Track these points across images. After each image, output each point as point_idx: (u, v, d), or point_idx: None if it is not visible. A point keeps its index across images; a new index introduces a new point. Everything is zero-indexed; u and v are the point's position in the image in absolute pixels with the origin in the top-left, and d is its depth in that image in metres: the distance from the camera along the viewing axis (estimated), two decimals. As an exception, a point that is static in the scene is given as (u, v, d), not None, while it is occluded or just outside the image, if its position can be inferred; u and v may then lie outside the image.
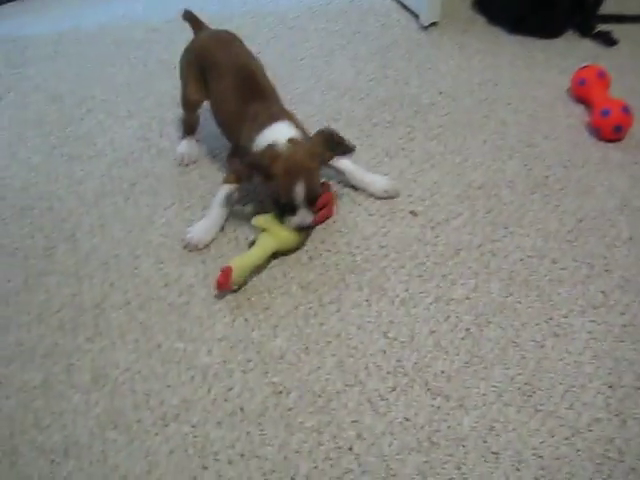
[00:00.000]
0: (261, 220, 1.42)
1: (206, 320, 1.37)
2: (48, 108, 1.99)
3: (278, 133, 1.43)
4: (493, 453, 1.14)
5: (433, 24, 2.28)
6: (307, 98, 1.96)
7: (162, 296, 1.42)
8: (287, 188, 1.38)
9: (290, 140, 1.41)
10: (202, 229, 1.49)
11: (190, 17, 1.68)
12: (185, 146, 1.72)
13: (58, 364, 1.30)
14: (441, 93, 1.97)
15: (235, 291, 1.40)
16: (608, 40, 2.19)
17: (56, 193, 1.69)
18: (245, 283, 1.41)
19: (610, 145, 1.77)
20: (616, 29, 2.23)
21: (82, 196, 1.68)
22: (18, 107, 2.01)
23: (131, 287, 1.44)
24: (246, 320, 1.37)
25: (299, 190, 1.38)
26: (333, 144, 1.43)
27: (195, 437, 1.18)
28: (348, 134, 1.58)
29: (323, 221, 1.53)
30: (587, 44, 2.20)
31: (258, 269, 1.42)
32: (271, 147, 1.40)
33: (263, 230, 1.42)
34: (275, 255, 1.45)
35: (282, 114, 1.51)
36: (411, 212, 1.58)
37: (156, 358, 1.31)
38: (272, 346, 1.32)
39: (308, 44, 2.22)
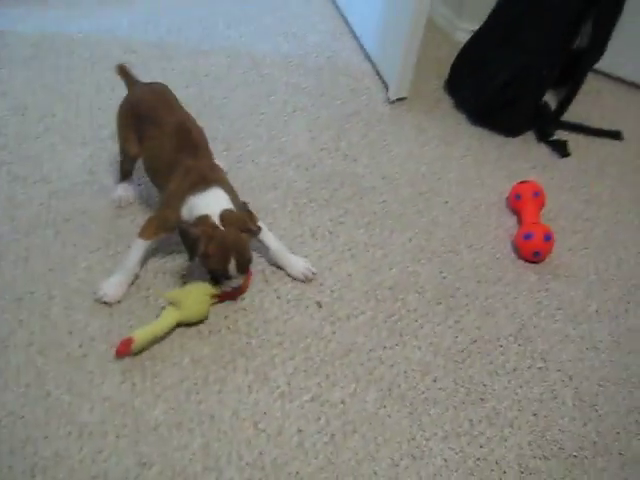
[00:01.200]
0: (170, 295, 1.49)
1: (97, 377, 1.45)
2: (9, 119, 2.04)
3: (212, 202, 1.49)
4: None
5: (400, 99, 2.34)
6: (254, 158, 2.03)
7: (64, 343, 1.50)
8: (223, 264, 1.47)
9: (223, 213, 1.48)
10: (113, 285, 1.57)
11: (123, 72, 1.74)
12: (121, 189, 1.78)
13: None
14: (384, 178, 2.05)
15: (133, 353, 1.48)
16: (561, 150, 2.27)
17: (-11, 215, 1.75)
18: (145, 349, 1.48)
19: (528, 266, 1.86)
20: (573, 139, 2.31)
21: (16, 222, 1.74)
22: (-19, 113, 2.05)
23: (38, 328, 1.52)
24: (133, 385, 1.45)
25: (233, 264, 1.47)
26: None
27: (54, 496, 1.26)
28: (282, 205, 1.68)
29: (236, 296, 1.60)
30: (541, 149, 2.29)
31: (160, 339, 1.50)
32: (205, 222, 1.46)
33: (170, 303, 1.49)
34: (179, 325, 1.53)
35: (216, 176, 1.56)
36: (317, 303, 1.66)
37: (42, 406, 1.39)
38: (149, 416, 1.40)
39: (273, 98, 2.28)
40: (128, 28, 2.51)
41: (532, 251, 1.82)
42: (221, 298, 1.57)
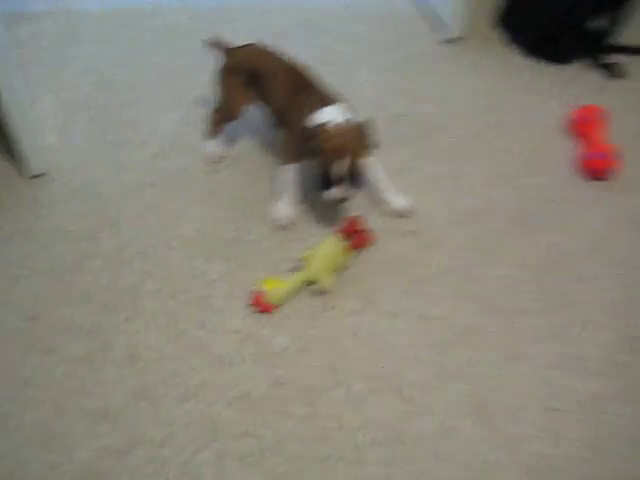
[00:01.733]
0: (304, 255, 1.65)
1: (224, 313, 1.63)
2: (97, 92, 2.21)
3: (331, 114, 1.65)
4: (444, 454, 1.41)
5: (456, 38, 2.45)
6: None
7: (189, 288, 1.68)
8: (332, 161, 1.60)
9: (345, 121, 1.63)
10: (284, 208, 1.76)
11: (215, 43, 1.88)
12: (212, 146, 1.94)
13: (99, 340, 1.57)
14: (452, 114, 2.18)
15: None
16: (616, 72, 2.36)
17: (103, 179, 1.93)
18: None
19: (597, 184, 1.98)
20: (627, 61, 2.39)
21: (126, 184, 1.92)
22: (70, 89, 2.22)
23: (164, 276, 1.70)
24: (257, 318, 1.63)
25: (344, 164, 1.60)
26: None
27: (209, 414, 1.46)
28: None
29: (364, 245, 1.74)
30: (596, 74, 2.37)
31: (290, 295, 1.65)
32: (323, 125, 1.62)
33: (306, 261, 1.64)
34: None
35: (335, 97, 1.73)
36: (411, 231, 1.81)
37: (181, 343, 1.58)
38: (276, 342, 1.58)
39: (336, 48, 2.40)
40: (190, -6, 2.62)
41: (599, 169, 1.94)
42: (353, 246, 1.69)
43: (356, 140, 1.63)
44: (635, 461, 1.42)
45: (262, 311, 1.61)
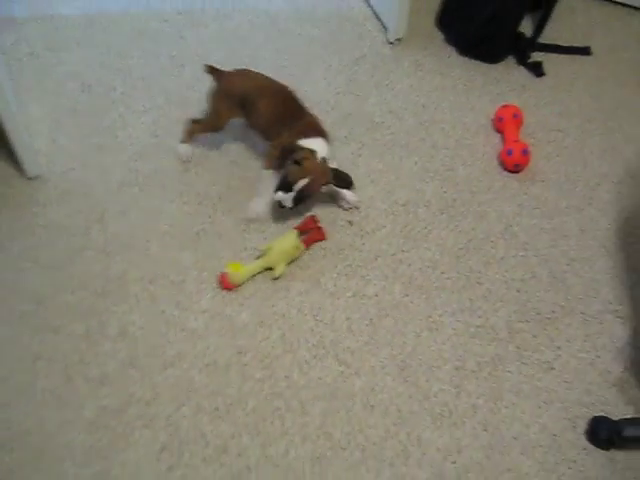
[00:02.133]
0: (264, 246, 2.00)
1: (195, 295, 2.00)
2: (80, 96, 2.50)
3: (319, 147, 2.02)
4: (371, 406, 1.80)
5: (399, 39, 2.77)
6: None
7: (166, 274, 2.04)
8: (296, 176, 1.97)
9: (322, 158, 2.00)
10: (260, 205, 2.11)
11: (212, 70, 2.18)
12: (183, 148, 2.27)
13: (94, 320, 1.94)
14: (391, 112, 2.52)
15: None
16: (537, 70, 2.70)
17: (90, 179, 2.25)
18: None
19: (511, 176, 2.34)
20: (548, 59, 2.73)
21: (110, 184, 2.24)
22: (55, 94, 2.50)
23: (145, 265, 2.05)
24: (223, 297, 2.00)
25: (301, 183, 1.97)
26: (341, 179, 2.05)
27: (185, 378, 1.84)
28: None
29: (312, 242, 2.07)
30: (520, 72, 2.71)
31: (251, 276, 2.00)
32: (310, 151, 1.99)
33: (263, 253, 2.00)
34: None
35: (322, 130, 2.09)
36: (348, 221, 2.18)
37: (161, 321, 1.94)
38: (239, 319, 1.96)
39: (292, 50, 2.71)
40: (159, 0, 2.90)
41: (513, 164, 2.31)
42: (306, 244, 2.04)
43: (322, 175, 2.00)
44: (523, 409, 1.82)
45: (225, 288, 1.96)
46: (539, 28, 2.70)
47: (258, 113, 2.11)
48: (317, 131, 2.07)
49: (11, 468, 1.67)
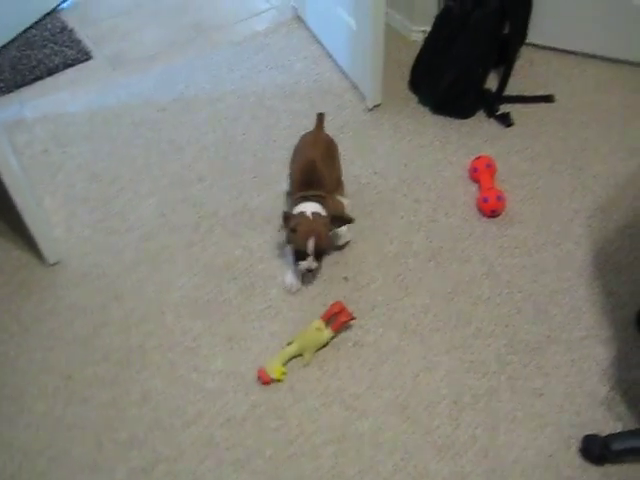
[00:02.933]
0: (295, 338, 2.12)
1: (209, 358, 2.18)
2: (90, 186, 2.74)
3: (308, 207, 2.20)
4: (378, 444, 1.96)
5: (376, 105, 3.02)
6: (277, 179, 2.70)
7: (181, 341, 2.23)
8: (304, 242, 2.16)
9: (313, 213, 2.18)
10: (293, 278, 2.29)
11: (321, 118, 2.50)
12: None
13: (119, 388, 2.12)
14: (376, 173, 2.74)
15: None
16: (506, 121, 2.93)
17: (105, 261, 2.47)
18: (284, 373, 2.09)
19: (490, 221, 2.53)
20: (515, 110, 2.96)
21: (122, 264, 2.45)
22: (68, 185, 2.74)
23: (161, 334, 2.24)
24: (235, 358, 2.18)
25: (311, 244, 2.15)
26: (339, 220, 2.23)
27: (206, 434, 2.01)
28: None
29: (341, 326, 2.15)
30: (490, 124, 2.93)
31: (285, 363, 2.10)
32: (300, 214, 2.18)
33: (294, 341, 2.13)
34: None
35: (317, 197, 2.25)
36: (344, 278, 2.37)
37: (180, 384, 2.12)
38: (250, 376, 2.13)
39: (280, 125, 2.95)
40: (153, 90, 3.16)
41: (490, 210, 2.51)
42: (335, 329, 2.13)
43: (321, 228, 2.17)
44: (519, 435, 1.98)
45: (265, 383, 2.07)
46: (503, 82, 2.93)
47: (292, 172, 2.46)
48: (310, 198, 2.25)
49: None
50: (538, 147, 2.79)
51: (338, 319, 2.15)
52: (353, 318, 2.17)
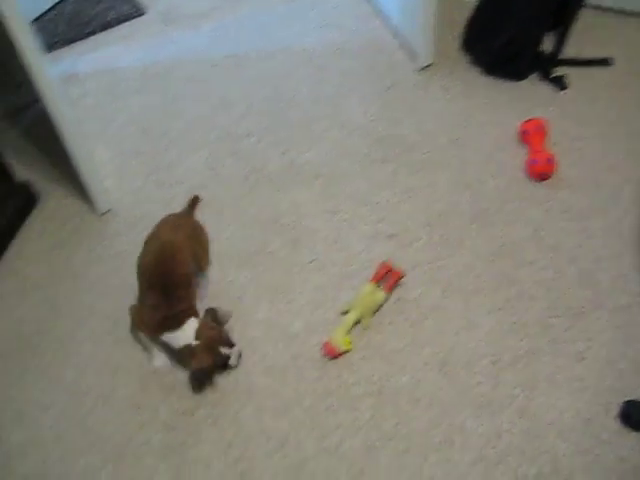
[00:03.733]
0: (349, 304, 2.12)
1: (252, 309, 2.22)
2: (141, 139, 2.79)
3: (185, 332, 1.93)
4: (415, 399, 1.99)
5: (427, 66, 2.98)
6: (325, 136, 2.72)
7: (225, 290, 2.27)
8: (209, 363, 1.94)
9: (196, 332, 1.93)
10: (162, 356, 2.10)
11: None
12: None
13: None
14: (423, 133, 2.72)
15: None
16: (560, 84, 2.87)
17: (153, 212, 2.50)
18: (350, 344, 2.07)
19: (538, 184, 2.50)
20: (571, 73, 2.89)
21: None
22: (119, 138, 2.80)
23: (207, 283, 2.29)
24: (277, 310, 2.21)
25: (226, 350, 1.97)
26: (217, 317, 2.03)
27: (247, 381, 2.05)
28: (352, 168, 2.51)
29: (394, 285, 2.17)
30: (544, 87, 2.87)
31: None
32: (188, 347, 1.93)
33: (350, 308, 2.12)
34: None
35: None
36: (388, 235, 2.38)
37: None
38: (292, 328, 2.17)
39: (330, 84, 2.94)
40: (205, 47, 3.18)
41: (538, 172, 2.47)
42: (388, 289, 2.14)
43: (211, 337, 1.97)
44: (557, 397, 1.97)
45: (332, 357, 2.06)
46: (559, 44, 2.86)
47: None
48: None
49: (100, 465, 1.91)
50: (592, 112, 2.72)
51: (389, 279, 2.16)
52: (403, 275, 2.17)
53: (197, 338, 1.93)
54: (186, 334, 1.93)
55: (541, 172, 2.45)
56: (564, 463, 1.85)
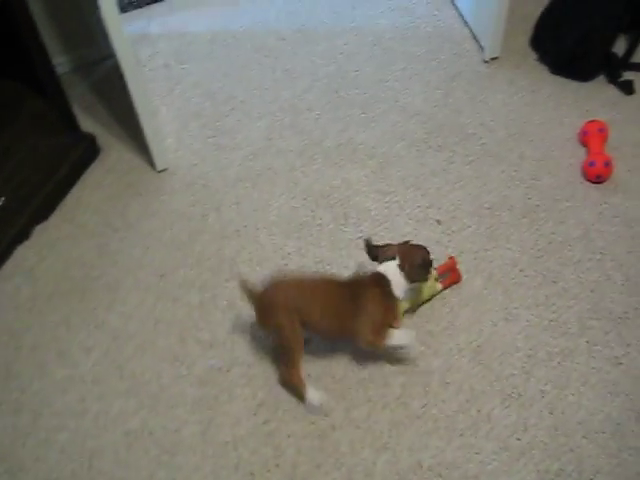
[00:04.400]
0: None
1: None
2: (204, 103, 2.85)
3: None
4: (446, 383, 2.01)
5: (494, 58, 2.97)
6: (384, 118, 2.74)
7: (270, 257, 2.32)
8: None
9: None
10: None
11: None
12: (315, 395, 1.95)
13: (208, 293, 2.24)
14: (483, 125, 2.71)
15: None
16: (628, 89, 2.83)
17: (209, 174, 2.58)
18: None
19: (593, 186, 2.48)
20: (638, 79, 2.86)
21: (225, 179, 2.56)
22: (183, 100, 2.87)
23: (254, 249, 2.34)
24: (319, 281, 2.25)
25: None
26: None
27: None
28: (408, 152, 2.52)
29: (450, 284, 2.17)
30: (611, 90, 2.84)
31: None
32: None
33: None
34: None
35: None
36: (437, 220, 2.39)
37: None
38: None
39: (394, 67, 2.96)
40: (276, 20, 3.22)
41: (595, 175, 2.45)
42: (444, 285, 2.15)
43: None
44: (589, 398, 1.97)
45: None
46: (632, 47, 2.82)
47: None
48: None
49: (134, 410, 1.99)
50: (657, 119, 2.68)
51: (450, 277, 2.18)
52: (460, 280, 2.20)
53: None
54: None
55: (598, 174, 2.43)
56: (588, 464, 1.85)
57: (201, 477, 1.87)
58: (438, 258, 2.14)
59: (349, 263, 2.27)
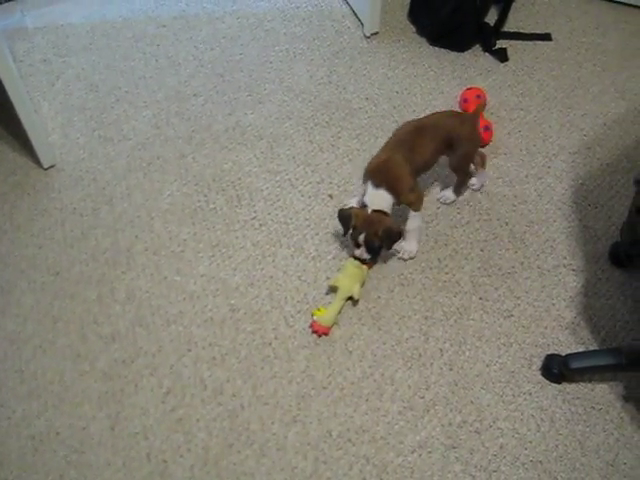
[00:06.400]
0: (331, 282, 2.10)
1: (193, 263, 2.27)
2: (87, 96, 2.79)
3: (370, 198, 2.07)
4: (349, 351, 2.06)
5: (374, 33, 3.04)
6: (271, 99, 2.76)
7: (167, 246, 2.31)
8: (354, 234, 2.06)
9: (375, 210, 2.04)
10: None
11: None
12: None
13: (106, 287, 2.21)
14: (367, 99, 2.78)
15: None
16: (501, 56, 2.96)
17: (97, 168, 2.53)
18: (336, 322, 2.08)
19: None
20: (512, 46, 2.99)
21: (115, 171, 2.52)
22: (66, 94, 2.79)
23: (149, 239, 2.32)
24: (217, 264, 2.26)
25: (361, 238, 2.04)
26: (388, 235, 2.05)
27: (186, 332, 2.11)
28: (296, 130, 2.52)
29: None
30: (486, 58, 2.96)
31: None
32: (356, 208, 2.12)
33: (335, 285, 2.09)
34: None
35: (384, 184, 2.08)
36: (329, 195, 2.44)
37: (164, 285, 2.21)
38: (232, 281, 2.22)
39: (277, 48, 2.98)
40: (155, 7, 3.17)
41: (477, 140, 2.55)
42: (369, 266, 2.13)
43: (373, 225, 2.03)
44: (484, 351, 2.06)
45: (321, 334, 2.06)
46: (502, 17, 2.95)
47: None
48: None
49: (38, 412, 1.95)
50: (530, 84, 2.82)
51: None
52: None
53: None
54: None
55: (478, 139, 2.52)
56: (488, 412, 1.95)
57: (113, 471, 1.85)
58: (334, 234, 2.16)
59: (245, 243, 2.28)
